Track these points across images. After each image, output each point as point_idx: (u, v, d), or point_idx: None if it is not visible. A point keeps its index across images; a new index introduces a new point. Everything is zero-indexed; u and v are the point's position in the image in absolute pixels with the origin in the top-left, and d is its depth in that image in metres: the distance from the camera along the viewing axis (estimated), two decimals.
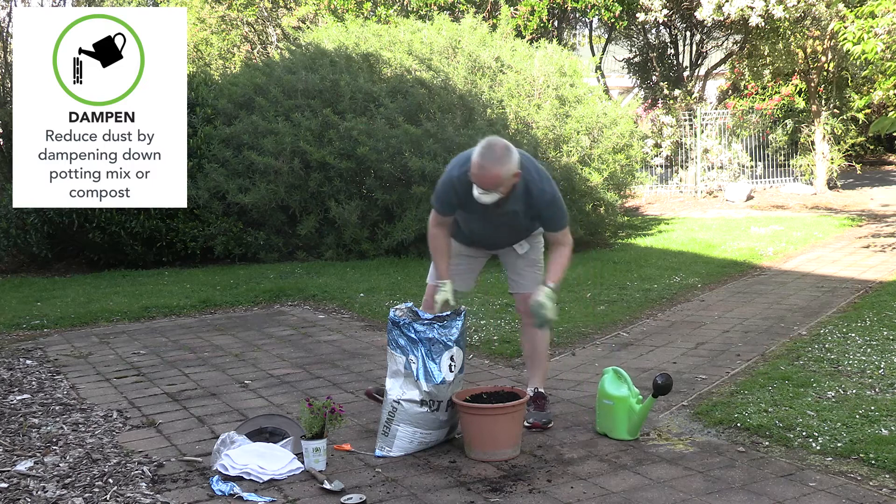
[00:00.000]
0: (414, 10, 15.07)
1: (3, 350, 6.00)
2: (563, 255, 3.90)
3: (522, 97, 10.54)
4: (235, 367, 5.39)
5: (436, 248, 4.00)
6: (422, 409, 3.64)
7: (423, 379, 3.63)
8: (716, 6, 14.57)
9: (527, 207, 3.83)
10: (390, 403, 3.68)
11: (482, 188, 3.66)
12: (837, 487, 3.20)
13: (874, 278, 7.75)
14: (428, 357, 3.64)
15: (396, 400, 3.66)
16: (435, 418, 3.68)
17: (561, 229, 3.90)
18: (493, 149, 3.64)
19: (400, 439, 3.66)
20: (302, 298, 7.77)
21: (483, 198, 3.68)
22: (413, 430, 3.66)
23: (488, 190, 3.66)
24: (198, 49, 21.59)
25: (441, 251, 4.00)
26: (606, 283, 7.91)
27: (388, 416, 3.67)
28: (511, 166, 3.65)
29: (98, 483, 3.43)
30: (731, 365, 5.00)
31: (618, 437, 3.80)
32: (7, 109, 11.22)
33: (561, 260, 3.89)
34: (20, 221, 9.92)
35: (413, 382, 3.65)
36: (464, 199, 3.83)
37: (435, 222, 3.99)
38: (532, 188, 3.79)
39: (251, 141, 10.16)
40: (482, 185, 3.65)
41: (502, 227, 3.97)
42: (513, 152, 3.68)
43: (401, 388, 3.66)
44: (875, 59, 9.06)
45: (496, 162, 3.62)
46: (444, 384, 3.65)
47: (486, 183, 3.64)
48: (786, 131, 18.18)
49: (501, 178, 3.64)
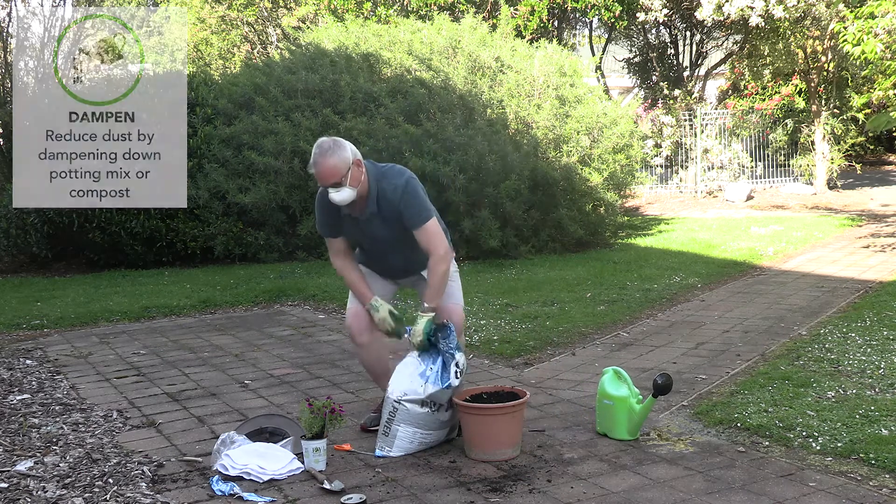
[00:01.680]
0: (414, 10, 15.07)
1: (3, 350, 6.00)
2: (435, 269, 3.74)
3: (522, 97, 10.54)
4: (235, 367, 5.39)
5: (347, 276, 3.93)
6: (423, 410, 3.64)
7: (432, 383, 3.64)
8: (716, 6, 14.57)
9: (385, 207, 3.78)
10: (391, 404, 3.68)
11: (325, 184, 3.69)
12: (837, 487, 3.20)
13: (874, 278, 7.75)
14: (443, 367, 3.68)
15: (398, 400, 3.66)
16: (436, 419, 3.69)
17: (422, 223, 3.76)
18: (321, 144, 3.73)
19: (400, 439, 3.66)
20: (302, 298, 7.77)
21: (335, 197, 3.69)
22: (414, 430, 3.66)
23: (335, 186, 3.67)
24: (198, 49, 21.59)
25: (354, 277, 3.92)
26: (606, 283, 7.91)
27: (389, 416, 3.67)
28: (344, 154, 3.68)
29: (98, 483, 3.43)
30: (731, 365, 5.00)
31: (618, 437, 3.79)
32: (7, 109, 11.22)
33: (434, 277, 3.75)
34: (20, 221, 9.92)
35: (419, 384, 3.65)
36: (334, 216, 3.85)
37: (332, 252, 3.97)
38: (382, 184, 3.78)
39: (251, 141, 10.15)
40: (324, 181, 3.69)
41: (382, 242, 3.89)
42: (342, 143, 3.74)
43: (403, 388, 3.67)
44: (875, 59, 9.06)
45: (325, 154, 3.67)
46: (449, 388, 3.66)
47: (326, 176, 3.67)
48: (786, 131, 18.18)
49: (338, 167, 3.66)
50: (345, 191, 3.69)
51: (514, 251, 9.62)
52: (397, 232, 3.82)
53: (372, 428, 3.97)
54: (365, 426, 4.02)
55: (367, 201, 3.78)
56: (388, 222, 3.81)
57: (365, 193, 3.77)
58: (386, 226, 3.81)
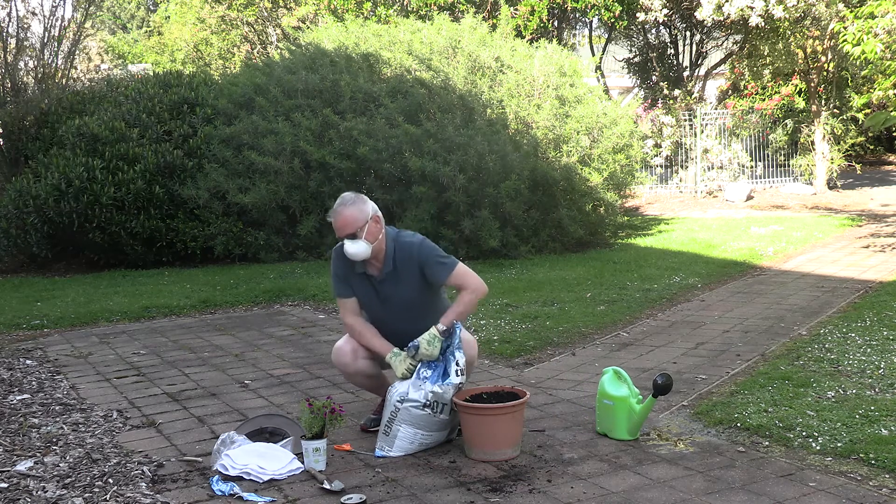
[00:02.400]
0: (414, 10, 15.07)
1: (3, 350, 6.00)
2: (463, 299, 3.79)
3: (522, 97, 10.54)
4: (235, 367, 5.39)
5: (362, 335, 3.90)
6: (424, 412, 3.64)
7: (431, 382, 3.64)
8: (716, 6, 14.57)
9: (402, 264, 3.81)
10: (393, 404, 3.68)
11: (341, 234, 3.73)
12: (837, 487, 3.20)
13: (874, 278, 7.75)
14: (443, 371, 3.68)
15: (399, 401, 3.66)
16: (436, 421, 3.69)
17: (450, 271, 3.81)
18: (343, 197, 3.81)
19: (401, 440, 3.67)
20: (302, 298, 7.77)
21: (350, 248, 3.72)
22: (415, 431, 3.67)
23: (351, 238, 3.71)
24: (198, 49, 21.60)
25: (369, 334, 3.89)
26: (606, 283, 7.91)
27: (391, 416, 3.68)
28: (363, 207, 3.75)
29: (98, 483, 3.43)
30: (731, 365, 5.00)
31: (618, 437, 3.80)
32: (7, 109, 11.22)
33: (461, 304, 3.79)
34: (20, 221, 9.92)
35: (418, 385, 3.65)
36: (350, 276, 3.87)
37: (345, 314, 3.95)
38: (400, 240, 3.84)
39: (251, 141, 10.16)
40: (340, 231, 3.73)
41: (395, 306, 3.87)
42: (364, 198, 3.81)
43: (404, 389, 3.67)
44: (875, 59, 9.06)
45: (345, 204, 3.75)
46: (450, 386, 3.66)
47: (342, 226, 3.72)
48: (786, 131, 18.18)
49: (356, 218, 3.71)
50: (360, 244, 3.72)
51: (514, 251, 9.62)
52: (412, 294, 3.84)
53: (372, 429, 3.97)
54: (365, 427, 4.02)
55: (384, 261, 3.82)
56: (403, 283, 3.83)
57: (381, 254, 3.81)
58: (401, 287, 3.83)
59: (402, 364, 3.72)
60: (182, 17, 21.83)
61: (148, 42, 25.34)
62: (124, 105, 10.76)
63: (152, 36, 25.44)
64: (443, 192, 9.31)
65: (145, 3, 35.83)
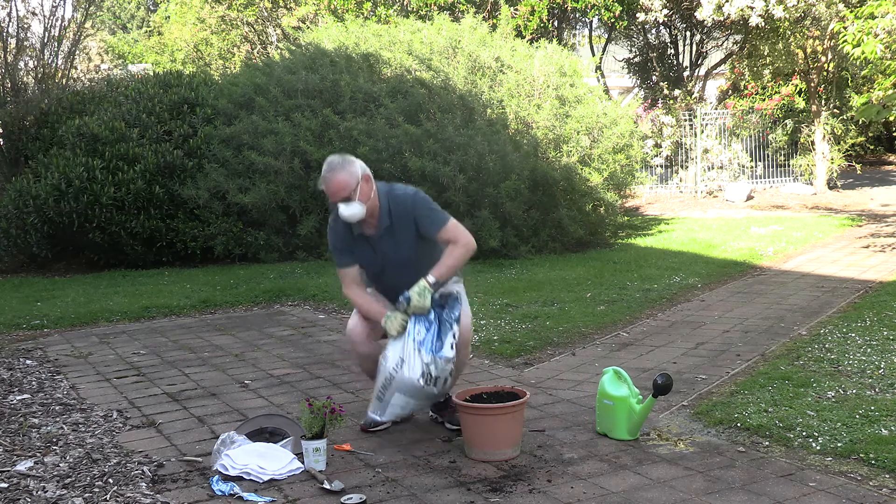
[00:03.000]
0: (414, 10, 15.07)
1: (3, 350, 6.00)
2: (454, 252, 3.77)
3: (522, 97, 10.54)
4: (235, 367, 5.39)
5: (360, 301, 3.90)
6: (419, 383, 3.59)
7: (427, 350, 3.60)
8: (716, 6, 14.57)
9: (398, 218, 3.81)
10: (387, 372, 3.64)
11: (335, 199, 3.73)
12: (837, 487, 3.20)
13: (874, 278, 7.75)
14: (436, 335, 3.64)
15: (394, 369, 3.62)
16: (429, 392, 3.65)
17: (443, 224, 3.80)
18: (330, 161, 3.79)
19: (393, 406, 3.67)
20: (302, 298, 7.77)
21: (345, 211, 3.72)
22: (407, 399, 3.65)
23: (345, 201, 3.71)
24: (198, 49, 21.61)
25: (366, 299, 3.90)
26: (606, 283, 7.91)
27: (385, 383, 3.65)
28: (352, 168, 3.74)
29: (98, 483, 3.43)
30: (731, 365, 5.00)
31: (618, 437, 3.79)
32: (7, 109, 11.22)
33: (451, 257, 3.76)
34: (20, 221, 9.92)
35: (415, 354, 3.60)
36: (347, 240, 3.87)
37: (346, 284, 3.94)
38: (393, 194, 3.85)
39: (251, 141, 10.15)
40: (333, 196, 3.72)
41: (396, 263, 3.87)
42: (351, 159, 3.79)
43: (398, 356, 3.62)
44: (875, 59, 9.05)
45: (334, 169, 3.73)
46: (442, 359, 3.62)
47: (335, 191, 3.71)
48: (786, 131, 18.18)
49: (347, 182, 3.70)
50: (354, 205, 3.72)
51: (514, 251, 9.62)
52: (409, 248, 3.84)
53: (372, 429, 3.97)
54: (365, 427, 4.01)
55: (379, 217, 3.81)
56: (400, 237, 3.82)
57: (376, 210, 3.81)
58: (398, 242, 3.82)
59: (395, 322, 3.69)
60: (182, 17, 21.84)
61: (148, 42, 25.36)
62: (124, 105, 10.76)
63: (152, 36, 25.46)
64: (443, 192, 9.30)
65: (145, 3, 35.84)
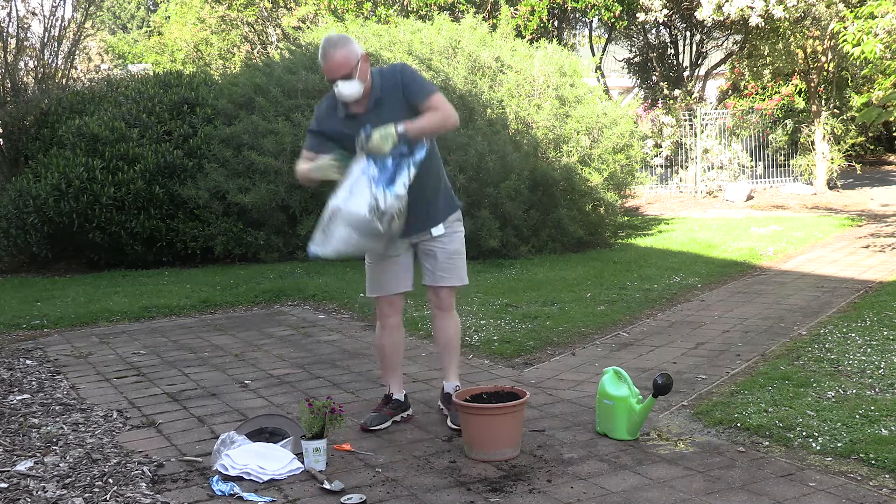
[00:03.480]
0: (414, 10, 15.08)
1: (3, 350, 6.00)
2: (432, 117, 3.72)
3: (522, 97, 10.54)
4: (235, 367, 5.39)
5: (303, 168, 3.86)
6: (366, 216, 3.54)
7: (378, 184, 3.56)
8: (716, 6, 14.57)
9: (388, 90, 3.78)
10: (335, 205, 3.61)
11: (335, 76, 3.68)
12: (837, 487, 3.20)
13: (874, 278, 7.75)
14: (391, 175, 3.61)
15: (343, 201, 3.59)
16: (374, 228, 3.59)
17: (430, 93, 3.77)
18: (329, 38, 3.74)
19: (336, 241, 3.62)
20: (302, 298, 7.77)
21: (345, 90, 3.69)
22: (350, 233, 3.59)
23: (345, 79, 3.68)
24: (198, 49, 21.61)
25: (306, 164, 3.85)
26: (606, 283, 7.91)
27: (331, 216, 3.61)
28: (352, 46, 3.71)
29: (98, 483, 3.43)
30: (731, 365, 5.00)
31: (618, 437, 3.79)
32: (7, 109, 11.22)
33: (427, 119, 3.71)
34: (20, 221, 9.92)
35: (365, 187, 3.56)
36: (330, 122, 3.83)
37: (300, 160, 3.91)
38: (383, 69, 3.86)
39: (251, 141, 10.15)
40: (334, 73, 3.67)
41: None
42: (349, 37, 3.77)
43: (349, 191, 3.59)
44: (875, 59, 9.05)
45: (336, 46, 3.69)
46: (393, 195, 3.57)
47: (337, 68, 3.67)
48: (786, 131, 18.19)
49: (349, 58, 3.67)
50: (354, 83, 3.70)
51: (514, 251, 9.62)
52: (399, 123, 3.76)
53: (373, 427, 3.97)
54: (365, 426, 4.01)
55: (370, 94, 3.80)
56: (390, 110, 3.75)
57: (368, 88, 3.80)
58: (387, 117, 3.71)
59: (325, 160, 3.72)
60: (182, 17, 21.84)
61: (148, 42, 25.37)
62: (124, 105, 10.76)
63: (152, 36, 25.47)
64: None
65: (145, 3, 35.85)
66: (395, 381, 4.16)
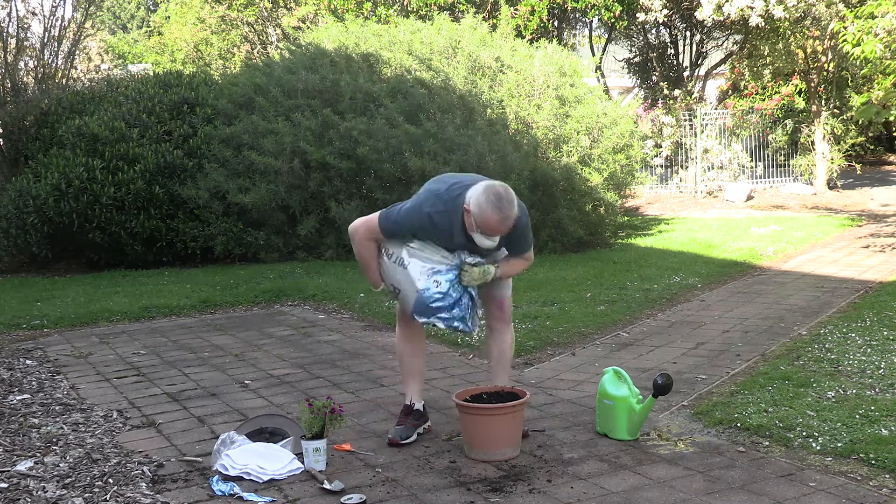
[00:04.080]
0: (414, 10, 15.07)
1: (3, 350, 6.00)
2: (521, 265, 3.96)
3: (522, 97, 10.54)
4: (235, 367, 5.39)
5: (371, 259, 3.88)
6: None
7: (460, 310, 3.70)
8: (716, 6, 14.57)
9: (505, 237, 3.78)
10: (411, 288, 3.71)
11: (498, 233, 3.64)
12: (837, 487, 3.20)
13: (874, 278, 7.75)
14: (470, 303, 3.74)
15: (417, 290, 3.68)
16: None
17: (528, 249, 3.90)
18: (510, 196, 3.60)
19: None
20: (302, 298, 7.77)
21: (486, 243, 3.67)
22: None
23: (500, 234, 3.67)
24: (198, 49, 21.60)
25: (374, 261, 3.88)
26: (606, 283, 7.91)
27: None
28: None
29: (98, 483, 3.43)
30: (731, 365, 5.00)
31: (618, 437, 3.79)
32: (7, 109, 11.22)
33: (518, 264, 3.94)
34: (20, 221, 9.92)
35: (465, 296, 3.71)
36: (432, 235, 3.76)
37: (369, 236, 3.84)
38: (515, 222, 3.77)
39: (251, 141, 10.15)
40: (495, 231, 3.62)
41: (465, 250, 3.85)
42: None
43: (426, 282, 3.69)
44: (874, 59, 9.05)
45: (512, 205, 3.60)
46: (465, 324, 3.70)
47: (503, 229, 3.63)
48: (786, 131, 18.18)
49: (511, 223, 3.64)
50: (495, 240, 3.69)
51: None
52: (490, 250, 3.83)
53: (403, 442, 3.80)
54: (395, 441, 3.80)
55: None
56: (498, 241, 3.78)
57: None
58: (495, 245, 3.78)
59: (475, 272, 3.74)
60: (182, 17, 21.83)
61: (148, 42, 25.36)
62: (124, 105, 10.76)
63: (152, 36, 25.46)
64: None
65: (145, 3, 35.86)
66: (416, 389, 4.02)
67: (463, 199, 3.64)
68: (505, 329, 4.06)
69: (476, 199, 3.57)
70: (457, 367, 5.23)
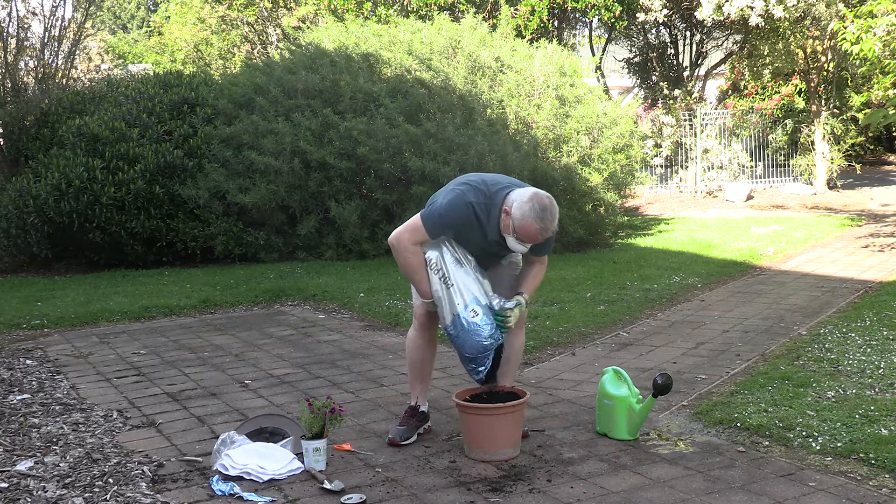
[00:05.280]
0: (414, 10, 15.07)
1: (3, 350, 6.00)
2: (540, 271, 3.92)
3: (522, 97, 10.54)
4: (235, 367, 5.39)
5: (419, 266, 3.75)
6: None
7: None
8: (716, 6, 14.57)
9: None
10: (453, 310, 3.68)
11: (534, 241, 3.63)
12: (837, 487, 3.20)
13: (874, 278, 7.75)
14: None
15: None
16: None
17: (549, 251, 3.90)
18: (552, 210, 3.58)
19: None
20: (302, 298, 7.77)
21: (518, 247, 3.67)
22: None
23: (535, 243, 3.67)
24: (198, 49, 21.60)
25: (423, 268, 3.77)
26: (606, 283, 7.91)
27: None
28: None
29: (98, 483, 3.44)
30: (731, 365, 5.00)
31: (618, 437, 3.80)
32: (7, 109, 11.22)
33: (539, 275, 3.92)
34: (20, 221, 9.92)
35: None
36: (469, 231, 3.70)
37: (414, 240, 3.73)
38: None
39: (251, 141, 10.15)
40: (534, 239, 3.61)
41: (493, 255, 3.87)
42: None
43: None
44: (873, 57, 9.06)
45: (554, 218, 3.58)
46: (493, 341, 3.66)
47: (541, 239, 3.62)
48: (786, 131, 18.19)
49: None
50: (526, 245, 3.68)
51: None
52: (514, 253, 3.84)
53: (403, 442, 3.80)
54: (396, 441, 3.80)
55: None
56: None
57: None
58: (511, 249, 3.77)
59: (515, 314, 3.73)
60: (182, 17, 21.83)
61: (148, 42, 25.36)
62: (124, 105, 10.75)
63: (152, 36, 25.45)
64: None
65: (145, 3, 35.86)
66: (422, 391, 4.00)
67: (502, 198, 3.63)
68: (518, 331, 4.03)
69: (520, 205, 3.56)
70: (457, 367, 5.22)
